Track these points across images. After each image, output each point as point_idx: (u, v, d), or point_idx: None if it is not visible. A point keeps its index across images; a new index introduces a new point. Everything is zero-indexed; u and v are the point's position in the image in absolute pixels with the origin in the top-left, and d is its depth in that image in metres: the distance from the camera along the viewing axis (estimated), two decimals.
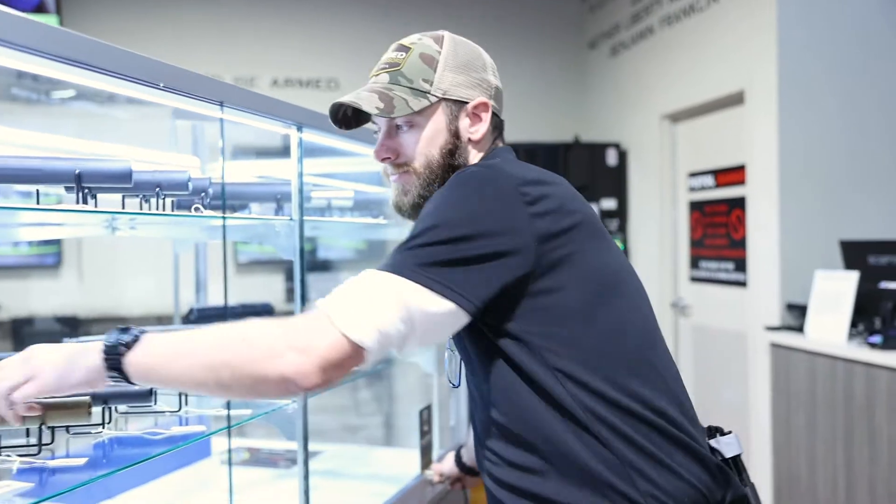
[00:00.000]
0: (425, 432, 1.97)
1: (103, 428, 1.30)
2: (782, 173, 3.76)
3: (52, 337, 1.86)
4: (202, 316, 2.24)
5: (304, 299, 1.53)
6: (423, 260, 1.06)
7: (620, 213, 5.16)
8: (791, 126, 3.75)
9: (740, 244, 4.15)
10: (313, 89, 5.63)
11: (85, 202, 1.25)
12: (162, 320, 2.74)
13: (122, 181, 1.21)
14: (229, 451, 1.62)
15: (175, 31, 5.45)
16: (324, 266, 5.64)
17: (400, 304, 1.03)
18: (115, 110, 3.68)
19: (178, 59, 5.27)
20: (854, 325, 3.40)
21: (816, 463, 3.43)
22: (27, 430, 1.25)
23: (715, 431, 1.25)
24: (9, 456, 1.20)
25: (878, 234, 3.73)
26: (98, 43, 1.15)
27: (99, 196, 1.35)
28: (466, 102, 1.30)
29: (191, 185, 1.39)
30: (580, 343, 1.12)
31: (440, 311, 1.05)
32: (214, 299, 2.64)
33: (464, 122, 1.29)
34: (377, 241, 3.94)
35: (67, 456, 1.27)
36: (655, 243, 4.90)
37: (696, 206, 4.63)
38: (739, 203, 4.16)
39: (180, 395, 1.44)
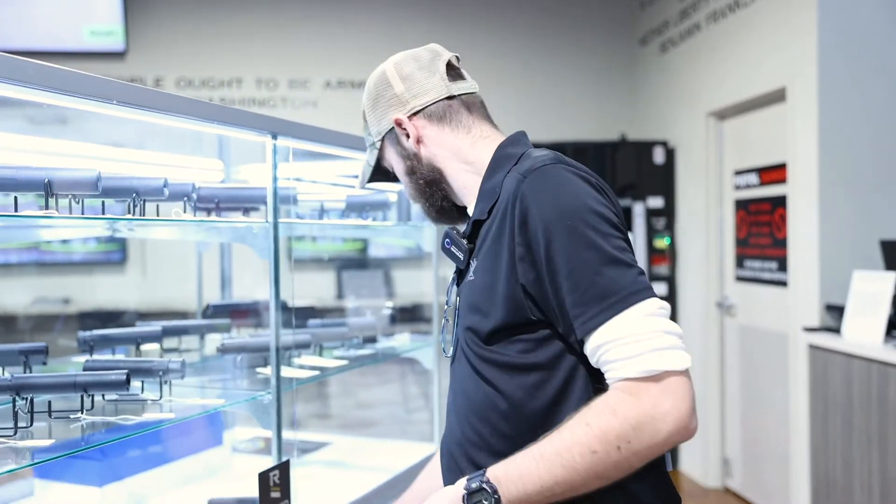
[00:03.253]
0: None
1: (82, 413, 1.43)
2: (822, 172, 3.68)
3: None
4: (217, 311, 2.38)
5: (277, 298, 1.63)
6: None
7: (668, 212, 5.11)
8: (831, 124, 3.66)
9: (783, 243, 4.08)
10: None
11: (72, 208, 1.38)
12: (178, 316, 2.90)
13: (90, 188, 1.33)
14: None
15: (234, 35, 5.66)
16: (376, 264, 5.78)
17: (661, 314, 1.11)
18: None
19: (237, 63, 5.51)
20: (895, 326, 3.31)
21: (853, 466, 3.36)
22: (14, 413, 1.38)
23: None
24: None
25: None
26: (42, 66, 1.24)
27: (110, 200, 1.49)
28: (390, 129, 1.39)
29: (167, 191, 1.50)
30: None
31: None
32: (258, 294, 2.79)
33: (403, 142, 1.38)
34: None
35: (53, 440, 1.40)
36: (702, 242, 4.85)
37: (741, 205, 4.56)
38: (782, 202, 4.08)
39: (161, 383, 1.57)
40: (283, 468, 1.55)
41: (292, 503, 1.59)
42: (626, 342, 1.08)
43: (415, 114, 1.36)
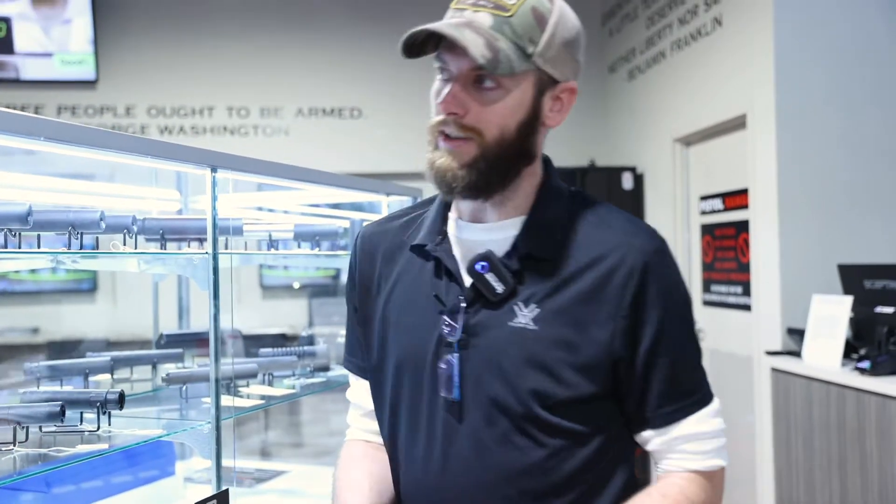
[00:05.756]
0: None
1: (14, 446, 1.43)
2: (781, 197, 3.73)
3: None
4: (170, 340, 2.38)
5: (217, 329, 1.64)
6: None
7: None
8: (790, 150, 3.73)
9: (746, 268, 4.13)
10: (336, 118, 5.81)
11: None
12: (144, 345, 2.90)
13: (20, 222, 1.34)
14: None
15: (206, 64, 5.70)
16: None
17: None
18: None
19: (209, 91, 5.56)
20: (855, 350, 3.35)
21: (815, 490, 3.38)
22: None
23: None
24: None
25: (879, 257, 3.67)
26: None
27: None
28: (558, 82, 1.15)
29: (104, 224, 1.51)
30: None
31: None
32: (237, 322, 2.80)
33: (546, 103, 1.15)
34: None
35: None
36: None
37: (707, 230, 4.61)
38: (745, 226, 4.14)
39: (98, 414, 1.57)
40: (222, 497, 1.55)
41: None
42: (701, 438, 1.16)
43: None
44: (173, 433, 1.61)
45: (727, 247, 4.37)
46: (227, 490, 1.57)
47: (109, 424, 1.61)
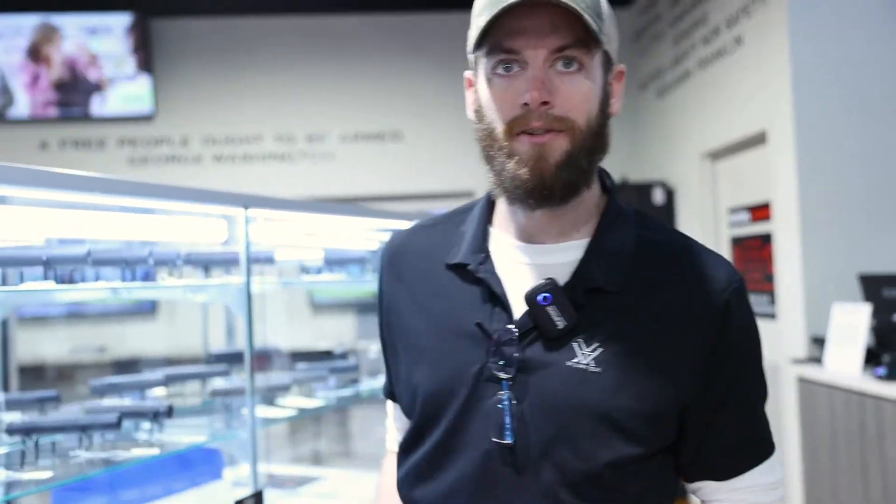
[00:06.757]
0: None
1: (80, 450, 1.69)
2: (803, 209, 3.84)
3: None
4: (218, 358, 2.64)
5: (251, 347, 1.87)
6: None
7: None
8: (810, 164, 3.84)
9: (772, 278, 4.24)
10: (378, 141, 6.08)
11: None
12: (199, 362, 3.19)
13: (83, 262, 1.60)
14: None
15: (255, 95, 6.02)
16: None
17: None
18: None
19: (259, 120, 5.89)
20: (878, 357, 3.44)
21: (840, 498, 3.47)
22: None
23: None
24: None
25: None
26: None
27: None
28: (612, 63, 1.04)
29: (151, 260, 1.76)
30: None
31: None
32: (287, 340, 3.04)
33: (610, 87, 1.04)
34: None
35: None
36: None
37: (736, 242, 4.73)
38: (769, 238, 4.25)
39: (151, 422, 1.82)
40: (257, 498, 1.78)
41: None
42: (764, 489, 1.07)
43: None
44: (215, 440, 1.85)
45: (755, 258, 4.48)
46: (260, 491, 1.80)
47: (161, 433, 1.85)
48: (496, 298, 1.02)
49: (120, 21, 5.66)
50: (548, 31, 0.93)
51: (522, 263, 1.04)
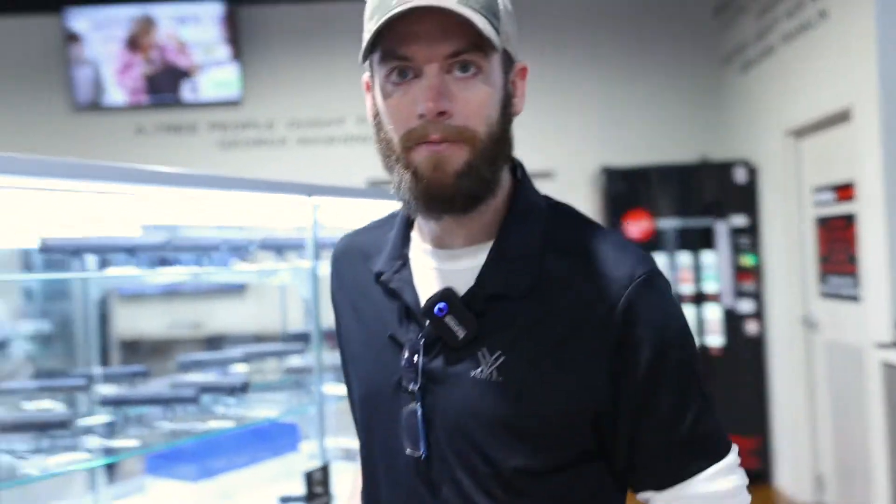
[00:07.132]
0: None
1: (164, 422, 1.84)
2: (888, 189, 3.72)
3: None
4: (295, 337, 2.78)
5: (319, 328, 1.98)
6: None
7: (752, 230, 5.18)
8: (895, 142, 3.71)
9: (855, 260, 4.12)
10: None
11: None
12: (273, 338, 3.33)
13: (163, 250, 1.74)
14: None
15: (337, 79, 6.16)
16: None
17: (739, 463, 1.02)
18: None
19: (340, 104, 6.07)
20: None
21: None
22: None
23: None
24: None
25: None
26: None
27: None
28: (513, 62, 1.00)
29: (223, 247, 1.89)
30: None
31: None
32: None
33: (512, 87, 1.00)
34: None
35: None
36: (785, 259, 4.90)
37: (821, 222, 4.60)
38: (853, 219, 4.13)
39: (228, 397, 1.95)
40: (324, 469, 1.90)
41: (334, 498, 1.94)
42: (721, 497, 0.98)
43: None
44: (285, 414, 1.97)
45: (839, 238, 4.36)
46: (327, 463, 1.91)
47: (238, 407, 1.99)
48: (409, 309, 1.02)
49: (211, 10, 5.88)
50: (440, 36, 0.91)
51: (432, 269, 1.03)
